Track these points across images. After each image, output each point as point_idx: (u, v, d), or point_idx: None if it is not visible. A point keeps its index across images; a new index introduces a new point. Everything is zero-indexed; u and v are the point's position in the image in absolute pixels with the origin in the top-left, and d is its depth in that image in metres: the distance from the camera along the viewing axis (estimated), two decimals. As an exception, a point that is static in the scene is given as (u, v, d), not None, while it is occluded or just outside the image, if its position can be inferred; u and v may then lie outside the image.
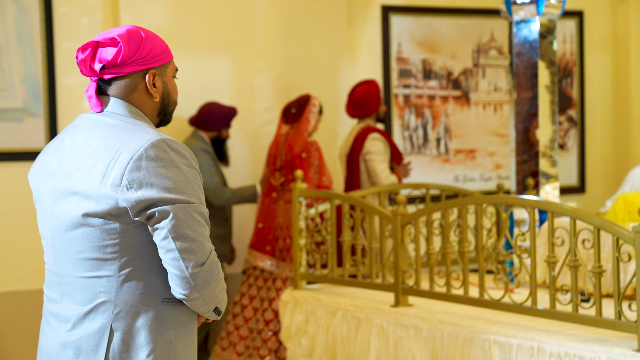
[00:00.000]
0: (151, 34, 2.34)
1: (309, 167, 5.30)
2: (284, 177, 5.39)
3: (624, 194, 4.69)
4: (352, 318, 4.43)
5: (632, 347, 3.33)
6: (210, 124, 5.48)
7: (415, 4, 6.54)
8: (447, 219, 4.14)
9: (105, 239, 2.23)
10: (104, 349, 2.23)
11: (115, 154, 2.21)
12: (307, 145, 5.35)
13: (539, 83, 4.99)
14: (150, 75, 2.33)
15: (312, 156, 5.32)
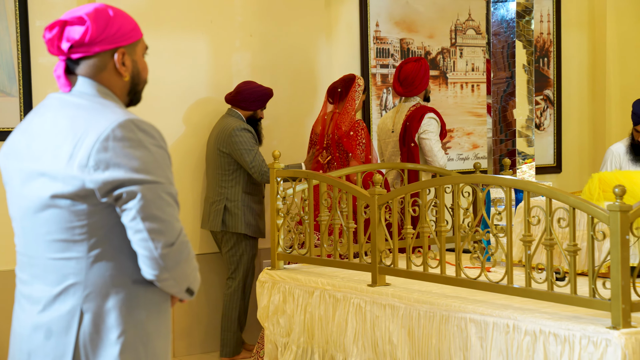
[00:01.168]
0: (120, 11, 2.29)
1: (356, 145, 5.35)
2: (331, 155, 5.43)
3: (599, 173, 4.69)
4: (329, 297, 4.42)
5: (605, 324, 3.33)
6: (248, 103, 5.58)
7: (393, -17, 6.51)
8: (424, 199, 4.12)
9: (73, 221, 2.19)
10: (74, 330, 2.20)
11: (82, 135, 2.17)
12: (355, 124, 5.37)
13: (516, 62, 4.97)
14: (120, 54, 2.28)
15: (359, 134, 5.36)
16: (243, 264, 5.66)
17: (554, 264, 3.63)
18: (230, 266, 5.71)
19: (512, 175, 4.92)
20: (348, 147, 5.36)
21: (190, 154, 5.80)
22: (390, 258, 4.28)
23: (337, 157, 5.43)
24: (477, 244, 4.13)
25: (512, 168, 4.98)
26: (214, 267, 5.91)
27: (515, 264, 4.27)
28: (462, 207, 4.56)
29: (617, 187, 3.31)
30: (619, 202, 3.30)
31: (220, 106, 5.82)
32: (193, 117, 5.80)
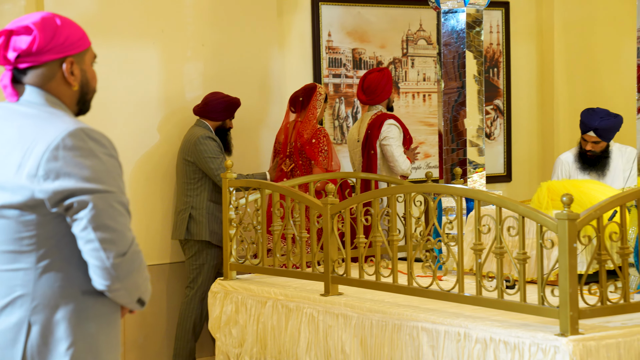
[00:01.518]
0: (67, 20, 2.27)
1: (319, 153, 5.48)
2: (294, 163, 5.55)
3: (547, 182, 4.76)
4: (282, 307, 4.42)
5: (554, 331, 3.39)
6: (216, 114, 5.64)
7: (345, -7, 6.54)
8: (376, 208, 4.15)
9: (21, 231, 2.16)
10: (21, 343, 2.17)
11: (31, 144, 2.15)
12: (316, 132, 5.50)
13: (466, 73, 5.03)
14: (68, 63, 2.26)
15: (322, 142, 5.49)
16: (204, 273, 5.61)
17: (504, 272, 3.68)
18: (190, 274, 5.67)
19: (463, 184, 4.98)
20: (310, 155, 5.47)
21: (160, 164, 5.76)
22: (343, 267, 4.29)
23: (300, 164, 5.53)
24: (429, 253, 4.17)
25: (463, 177, 5.04)
26: (181, 276, 5.86)
27: (466, 272, 4.31)
28: (414, 216, 4.60)
29: (565, 196, 3.37)
30: (567, 210, 3.35)
31: (185, 115, 5.81)
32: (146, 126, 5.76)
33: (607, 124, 5.62)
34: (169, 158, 5.82)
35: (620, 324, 3.49)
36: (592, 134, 5.66)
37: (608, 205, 3.53)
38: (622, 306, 3.50)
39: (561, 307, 3.36)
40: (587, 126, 5.67)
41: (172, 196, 5.81)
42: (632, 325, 3.48)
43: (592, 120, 5.63)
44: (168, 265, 5.87)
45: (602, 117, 5.63)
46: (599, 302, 3.45)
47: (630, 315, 3.56)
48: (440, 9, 5.00)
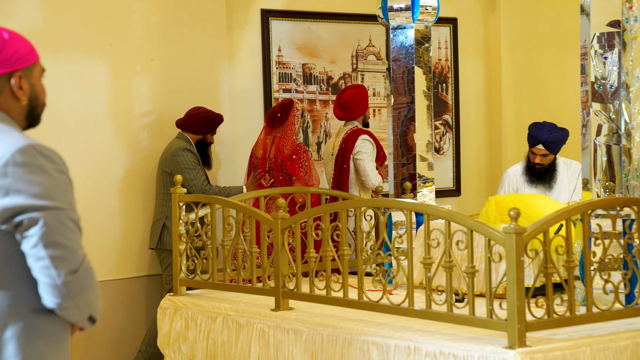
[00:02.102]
0: (15, 34, 2.26)
1: (299, 168, 5.58)
2: (274, 178, 5.64)
3: (495, 196, 4.84)
4: (232, 323, 4.41)
5: (502, 344, 3.44)
6: (198, 128, 5.76)
7: (295, 8, 6.58)
8: (327, 223, 4.17)
9: (-31, 249, 2.14)
10: (-31, 363, 2.14)
11: (-20, 161, 2.13)
12: (297, 148, 5.61)
13: (415, 88, 5.09)
14: (16, 77, 2.25)
15: (302, 158, 5.61)
16: None
17: (453, 286, 3.73)
18: (166, 285, 5.66)
19: (413, 198, 5.03)
20: (292, 171, 5.58)
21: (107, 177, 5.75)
22: (294, 282, 4.30)
23: (280, 180, 5.63)
24: (379, 267, 4.20)
25: (413, 191, 5.09)
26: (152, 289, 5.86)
27: (416, 286, 4.36)
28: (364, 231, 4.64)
29: (512, 210, 3.43)
30: (514, 224, 3.42)
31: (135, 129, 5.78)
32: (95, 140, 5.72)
33: (556, 136, 5.75)
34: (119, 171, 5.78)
35: (567, 336, 3.56)
36: (541, 147, 5.77)
37: (554, 219, 3.60)
38: (568, 318, 3.57)
39: (509, 320, 3.41)
40: (536, 139, 5.78)
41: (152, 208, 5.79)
42: (577, 337, 3.55)
43: (541, 133, 5.75)
44: (146, 278, 5.88)
45: (551, 130, 5.75)
46: (545, 314, 3.52)
47: (576, 328, 3.64)
48: (389, 24, 5.07)
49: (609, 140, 4.17)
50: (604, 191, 4.16)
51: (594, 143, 4.20)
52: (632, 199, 3.93)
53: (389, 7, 5.00)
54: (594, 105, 4.20)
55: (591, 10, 4.15)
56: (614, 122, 4.15)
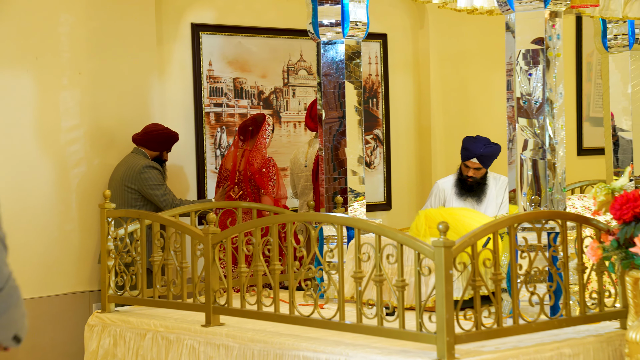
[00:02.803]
0: None
1: (268, 182, 5.70)
2: (243, 191, 5.72)
3: (425, 210, 4.89)
4: (162, 339, 4.36)
5: (432, 357, 3.47)
6: (156, 144, 5.79)
7: (226, 23, 6.56)
8: (258, 237, 4.16)
9: None
10: None
11: None
12: (266, 162, 5.73)
13: (346, 103, 5.13)
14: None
15: (271, 171, 5.73)
16: None
17: (384, 300, 3.75)
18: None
19: (344, 212, 5.05)
20: (260, 184, 5.69)
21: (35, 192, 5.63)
22: (225, 297, 4.28)
23: (249, 192, 5.73)
24: (311, 282, 4.21)
25: (344, 205, 5.11)
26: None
27: (347, 300, 4.37)
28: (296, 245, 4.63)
29: (441, 224, 3.47)
30: (443, 238, 3.46)
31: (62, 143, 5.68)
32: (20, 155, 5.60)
33: (490, 151, 5.86)
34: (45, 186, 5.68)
35: (494, 348, 3.61)
36: (475, 161, 5.87)
37: (482, 233, 3.66)
38: (495, 330, 3.63)
39: (438, 333, 3.45)
40: (471, 152, 5.87)
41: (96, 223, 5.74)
42: (504, 349, 3.61)
43: (476, 147, 5.85)
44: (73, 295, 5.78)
45: (486, 145, 5.86)
46: (474, 327, 3.56)
47: (503, 340, 3.69)
48: (319, 40, 5.09)
49: (535, 155, 4.25)
50: (530, 205, 4.24)
51: (520, 157, 4.28)
52: (557, 213, 4.02)
53: (319, 22, 5.02)
54: (520, 121, 4.28)
55: (516, 27, 4.24)
56: (539, 137, 4.24)
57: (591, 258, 3.71)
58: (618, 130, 5.84)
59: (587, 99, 8.29)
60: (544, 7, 4.16)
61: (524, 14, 4.20)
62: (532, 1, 4.17)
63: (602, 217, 4.13)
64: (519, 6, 4.20)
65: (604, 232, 3.78)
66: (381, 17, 7.17)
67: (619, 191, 3.66)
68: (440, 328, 3.44)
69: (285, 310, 4.06)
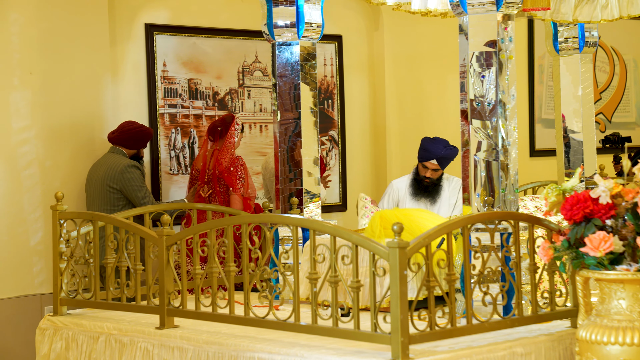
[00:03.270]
0: None
1: (237, 180, 5.78)
2: (212, 190, 5.81)
3: (379, 211, 4.91)
4: (115, 342, 4.31)
5: (386, 357, 3.48)
6: (132, 142, 5.80)
7: (180, 23, 6.52)
8: (213, 239, 4.14)
9: None
10: None
11: None
12: (234, 160, 5.83)
13: (302, 104, 5.13)
14: None
15: (239, 170, 5.82)
16: None
17: (339, 300, 3.76)
18: None
19: (300, 214, 5.05)
20: (229, 182, 5.78)
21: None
22: (179, 299, 4.25)
23: (218, 191, 5.81)
24: (266, 283, 4.20)
25: (300, 207, 5.11)
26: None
27: (302, 301, 4.37)
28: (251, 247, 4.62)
29: (396, 225, 3.49)
30: (398, 239, 3.47)
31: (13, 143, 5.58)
32: None
33: (450, 153, 5.91)
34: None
35: (448, 348, 3.64)
36: (434, 162, 5.92)
37: (436, 233, 3.68)
38: (449, 330, 3.65)
39: (393, 334, 3.46)
40: (431, 154, 5.91)
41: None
42: (458, 348, 3.64)
43: (436, 148, 5.89)
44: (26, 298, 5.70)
45: (446, 146, 5.91)
46: (428, 327, 3.59)
47: (457, 339, 3.72)
48: (274, 41, 5.09)
49: (488, 156, 4.30)
50: (483, 205, 4.28)
51: (474, 159, 4.32)
52: (509, 213, 4.06)
53: (274, 23, 5.02)
54: (473, 122, 4.32)
55: (469, 30, 4.28)
56: (492, 138, 4.29)
57: (543, 258, 3.75)
58: (569, 132, 5.92)
59: (539, 101, 8.40)
60: (496, 10, 4.20)
61: (477, 17, 4.24)
62: (485, 4, 4.21)
63: (554, 218, 4.19)
64: (472, 9, 4.24)
65: (555, 232, 3.83)
66: (336, 19, 7.18)
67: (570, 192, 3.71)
68: (394, 328, 3.45)
69: (240, 312, 4.05)
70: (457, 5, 4.28)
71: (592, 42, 5.87)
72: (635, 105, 9.08)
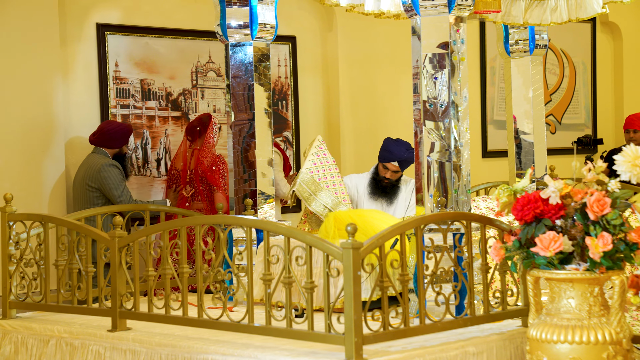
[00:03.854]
0: None
1: (219, 179, 5.95)
2: (194, 189, 5.96)
3: (334, 212, 4.92)
4: (66, 346, 4.26)
5: (340, 358, 3.49)
6: (114, 141, 5.85)
7: (132, 23, 6.45)
8: (166, 240, 4.10)
9: None
10: None
11: None
12: (216, 159, 6.00)
13: (255, 105, 5.11)
14: None
15: (221, 169, 5.99)
16: None
17: (293, 301, 3.75)
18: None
19: (254, 215, 5.03)
20: (212, 181, 5.94)
21: None
22: (132, 302, 4.20)
23: (201, 190, 5.96)
24: (220, 284, 4.17)
25: (254, 208, 5.09)
26: None
27: (256, 302, 4.36)
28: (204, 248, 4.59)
29: (350, 226, 3.49)
30: (351, 239, 3.48)
31: None
32: None
33: (412, 155, 5.94)
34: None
35: (401, 348, 3.65)
36: (396, 164, 5.94)
37: (389, 234, 3.69)
38: (402, 331, 3.67)
39: (346, 334, 3.47)
40: (394, 155, 5.93)
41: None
42: (411, 348, 3.66)
43: (399, 150, 5.92)
44: None
45: (408, 149, 5.95)
46: (381, 327, 3.60)
47: (410, 339, 3.74)
48: (228, 42, 5.06)
49: (441, 157, 4.32)
50: (436, 206, 4.30)
51: (427, 160, 4.34)
52: (462, 214, 4.09)
53: (227, 24, 4.99)
54: (426, 124, 4.35)
55: (422, 32, 4.30)
56: (445, 139, 4.31)
57: (494, 258, 3.78)
58: (520, 133, 5.99)
59: (491, 103, 8.48)
60: (448, 12, 4.23)
61: (429, 19, 4.27)
62: (437, 6, 4.23)
63: (505, 218, 4.23)
64: (425, 11, 4.26)
65: (507, 232, 3.87)
66: (290, 20, 7.17)
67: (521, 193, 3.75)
68: (348, 329, 3.46)
69: (193, 314, 4.02)
70: (409, 7, 4.30)
71: (542, 44, 5.95)
72: (584, 107, 9.22)
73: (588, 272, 3.49)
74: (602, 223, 3.51)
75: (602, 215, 3.50)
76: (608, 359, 3.46)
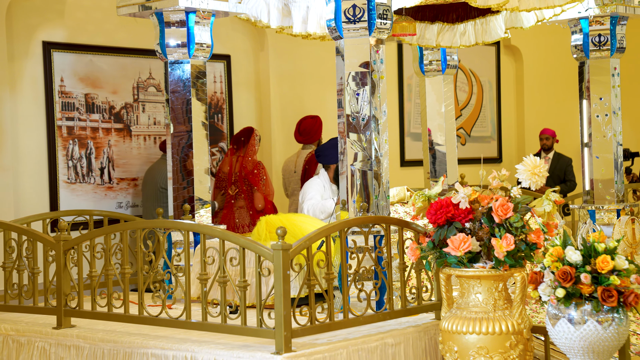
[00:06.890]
0: None
1: (259, 181, 6.38)
2: (238, 189, 6.40)
3: (265, 216, 4.91)
4: (13, 342, 4.15)
5: (271, 350, 3.49)
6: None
7: (77, 41, 6.35)
8: (109, 243, 4.04)
9: None
10: None
11: None
12: (257, 165, 6.44)
13: (193, 118, 5.08)
14: None
15: (261, 172, 6.42)
16: None
17: (227, 299, 3.73)
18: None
19: (192, 219, 4.99)
20: (253, 182, 6.38)
21: None
22: (76, 300, 4.13)
23: (243, 189, 6.41)
24: (160, 284, 4.13)
25: (192, 213, 5.06)
26: None
27: (194, 300, 4.32)
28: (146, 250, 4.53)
29: (279, 229, 3.50)
30: (281, 241, 3.48)
31: None
32: None
33: None
34: None
35: (327, 340, 3.67)
36: None
37: (316, 236, 3.71)
38: (328, 325, 3.68)
39: (277, 328, 3.47)
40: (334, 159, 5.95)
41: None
42: (336, 340, 3.68)
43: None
44: None
45: None
46: (309, 322, 3.61)
47: (335, 333, 3.76)
48: (167, 59, 5.02)
49: (363, 166, 4.36)
50: (359, 211, 4.34)
51: (351, 168, 4.38)
52: (382, 218, 4.13)
53: (166, 43, 4.95)
54: (350, 136, 4.38)
55: (345, 52, 4.33)
56: (367, 150, 4.35)
57: (411, 257, 3.83)
58: (434, 145, 6.09)
59: (408, 117, 8.60)
60: (369, 35, 4.28)
61: (352, 41, 4.30)
62: (359, 29, 4.28)
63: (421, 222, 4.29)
64: (347, 33, 4.30)
65: (422, 234, 3.92)
66: (225, 40, 7.15)
67: (434, 198, 3.81)
68: (278, 324, 3.46)
69: (135, 312, 3.96)
70: (334, 30, 4.33)
71: (453, 64, 6.06)
72: (491, 121, 9.43)
73: (493, 270, 3.56)
74: (505, 225, 3.59)
75: (506, 219, 3.59)
76: (511, 347, 3.54)
